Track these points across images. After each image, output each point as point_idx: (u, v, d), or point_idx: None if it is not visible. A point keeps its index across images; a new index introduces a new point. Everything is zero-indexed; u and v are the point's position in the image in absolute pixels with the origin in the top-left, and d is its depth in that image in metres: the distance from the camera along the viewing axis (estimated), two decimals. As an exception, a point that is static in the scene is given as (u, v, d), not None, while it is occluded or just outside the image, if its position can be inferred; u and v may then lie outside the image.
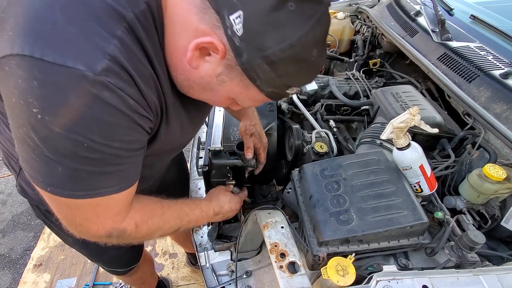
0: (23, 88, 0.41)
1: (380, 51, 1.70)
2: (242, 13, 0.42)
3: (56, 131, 0.43)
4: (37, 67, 0.40)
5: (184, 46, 0.49)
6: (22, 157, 0.49)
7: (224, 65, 0.49)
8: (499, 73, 1.02)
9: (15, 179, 0.79)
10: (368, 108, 1.28)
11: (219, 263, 1.07)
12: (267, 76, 0.48)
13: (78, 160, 0.46)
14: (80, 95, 0.42)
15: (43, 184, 0.49)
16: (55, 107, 0.42)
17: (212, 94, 0.57)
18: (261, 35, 0.44)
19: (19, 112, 0.43)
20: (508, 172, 0.83)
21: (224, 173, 0.99)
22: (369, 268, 0.74)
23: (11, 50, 0.41)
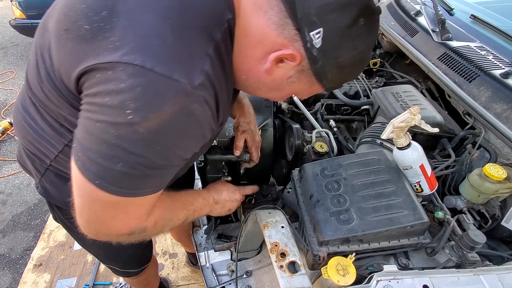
0: (123, 92, 0.46)
1: (380, 51, 1.70)
2: (322, 29, 0.50)
3: (139, 131, 0.47)
4: (146, 76, 0.46)
5: (259, 55, 0.56)
6: (82, 147, 0.51)
7: (296, 70, 0.56)
8: (499, 73, 1.02)
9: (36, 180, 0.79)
10: (368, 107, 1.28)
11: (219, 263, 1.07)
12: (334, 77, 0.57)
13: (141, 161, 0.50)
14: (175, 104, 0.48)
15: (94, 175, 0.51)
16: (148, 112, 0.47)
17: (278, 93, 0.65)
18: (338, 47, 0.52)
19: (108, 110, 0.47)
20: (508, 172, 0.83)
21: (219, 169, 0.99)
22: (369, 267, 0.74)
23: (120, 58, 0.46)
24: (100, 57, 0.48)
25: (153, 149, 0.50)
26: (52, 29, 0.56)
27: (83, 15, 0.51)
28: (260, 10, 0.53)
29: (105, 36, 0.48)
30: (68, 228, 0.94)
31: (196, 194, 0.82)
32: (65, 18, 0.53)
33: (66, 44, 0.53)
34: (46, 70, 0.59)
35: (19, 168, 2.69)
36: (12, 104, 3.54)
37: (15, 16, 4.00)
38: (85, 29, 0.50)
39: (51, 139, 0.68)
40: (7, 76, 4.09)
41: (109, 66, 0.47)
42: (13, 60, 4.50)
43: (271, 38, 0.53)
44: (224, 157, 0.96)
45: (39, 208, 2.35)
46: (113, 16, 0.49)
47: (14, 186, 2.53)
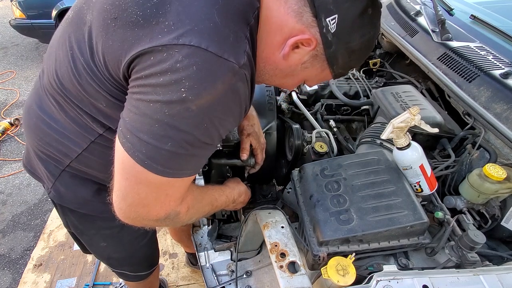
0: (179, 70, 0.49)
1: (380, 51, 1.70)
2: (337, 16, 0.56)
3: (191, 109, 0.50)
4: (200, 55, 0.49)
5: (278, 41, 0.60)
6: (133, 128, 0.53)
7: (311, 55, 0.62)
8: (499, 73, 1.02)
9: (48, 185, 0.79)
10: (368, 108, 1.28)
11: (219, 263, 1.07)
12: (344, 61, 0.63)
13: (189, 139, 0.53)
14: (225, 82, 0.51)
15: (143, 156, 0.53)
16: (202, 89, 0.50)
17: (291, 79, 0.69)
18: (349, 32, 0.58)
19: (162, 90, 0.50)
20: (508, 172, 0.83)
21: (224, 173, 0.99)
22: (369, 268, 0.74)
23: (177, 41, 0.49)
24: (155, 40, 0.50)
25: (201, 126, 0.53)
26: (95, 20, 0.58)
27: (134, 2, 0.54)
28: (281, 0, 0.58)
29: (159, 21, 0.51)
30: (80, 232, 0.94)
31: (221, 191, 0.85)
32: (113, 8, 0.56)
33: (115, 32, 0.55)
34: (85, 62, 0.60)
35: (19, 168, 2.69)
36: (12, 104, 3.53)
37: (15, 16, 4.00)
38: (137, 14, 0.53)
39: (75, 137, 0.69)
40: (7, 76, 4.09)
41: (165, 49, 0.49)
42: (13, 60, 4.50)
43: (290, 24, 0.58)
44: (229, 162, 0.96)
45: (39, 208, 2.35)
46: (165, 2, 0.52)
47: (14, 186, 2.53)
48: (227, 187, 0.90)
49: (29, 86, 3.89)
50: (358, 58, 0.66)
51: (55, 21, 3.89)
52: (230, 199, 0.88)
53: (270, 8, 0.59)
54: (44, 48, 4.79)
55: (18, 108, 3.49)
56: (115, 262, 1.11)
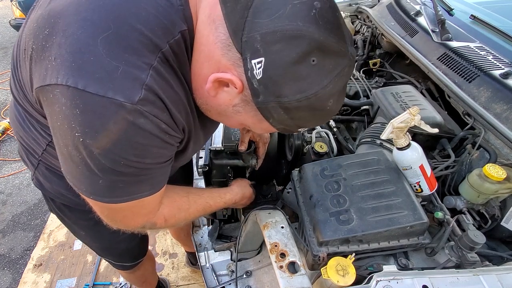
0: (67, 115, 0.45)
1: (380, 51, 1.69)
2: (263, 60, 0.44)
3: (96, 152, 0.47)
4: (79, 97, 0.44)
5: (205, 75, 0.52)
6: (66, 170, 0.53)
7: (241, 99, 0.52)
8: (499, 73, 1.02)
9: (31, 172, 0.83)
10: (368, 108, 1.28)
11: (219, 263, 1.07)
12: (281, 118, 0.51)
13: (116, 174, 0.51)
14: (117, 122, 0.46)
15: (86, 193, 0.54)
16: (95, 132, 0.46)
17: (227, 119, 0.61)
18: (279, 84, 0.46)
19: (64, 134, 0.48)
20: (508, 172, 0.83)
21: (225, 173, 0.99)
22: (369, 268, 0.74)
23: (56, 80, 0.45)
24: (42, 79, 0.47)
25: (117, 164, 0.49)
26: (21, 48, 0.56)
27: (33, 34, 0.50)
28: (212, 24, 0.49)
29: (45, 56, 0.47)
30: (61, 219, 0.96)
31: (219, 198, 0.85)
32: (25, 38, 0.53)
33: (24, 64, 0.53)
34: (19, 82, 0.60)
35: (19, 168, 2.69)
36: (12, 104, 3.54)
37: (15, 16, 4.00)
38: (33, 48, 0.49)
39: (36, 138, 0.70)
40: (7, 76, 4.09)
41: (50, 89, 0.46)
42: (13, 60, 4.50)
43: (217, 57, 0.49)
44: (230, 162, 0.96)
45: (39, 208, 2.35)
46: (53, 33, 0.47)
47: (14, 186, 2.53)
48: (228, 193, 0.90)
49: (29, 86, 3.89)
50: (304, 118, 0.52)
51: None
52: (230, 203, 0.89)
53: (201, 34, 0.51)
54: (44, 48, 4.79)
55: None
56: (98, 251, 1.14)
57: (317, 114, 0.52)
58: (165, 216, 0.69)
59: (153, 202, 0.63)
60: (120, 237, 0.99)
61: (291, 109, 0.49)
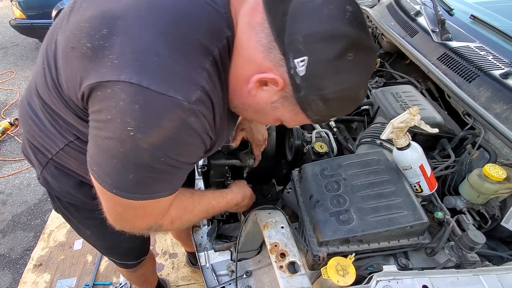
0: (124, 110, 0.48)
1: (380, 51, 1.69)
2: (307, 58, 0.49)
3: (142, 146, 0.50)
4: (142, 94, 0.47)
5: (246, 76, 0.56)
6: (96, 161, 0.55)
7: (280, 95, 0.56)
8: (499, 73, 1.02)
9: (37, 171, 0.83)
10: (368, 108, 1.28)
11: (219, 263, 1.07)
12: (318, 109, 0.56)
13: (150, 170, 0.53)
14: (173, 119, 0.49)
15: (110, 186, 0.55)
16: (149, 128, 0.49)
17: (263, 116, 0.65)
18: (321, 78, 0.51)
19: (111, 127, 0.50)
20: (508, 172, 0.83)
21: (223, 173, 0.99)
22: (369, 268, 0.74)
23: (118, 77, 0.47)
24: (100, 76, 0.49)
25: (158, 160, 0.52)
26: (60, 45, 0.58)
27: (86, 33, 0.52)
28: (253, 31, 0.53)
29: (104, 54, 0.49)
30: (67, 218, 0.97)
31: (221, 198, 0.86)
32: (72, 36, 0.55)
33: (72, 62, 0.55)
34: (53, 80, 0.61)
35: (19, 168, 2.69)
36: (12, 104, 3.54)
37: (15, 16, 4.01)
38: (87, 47, 0.51)
39: (53, 137, 0.71)
40: (7, 76, 4.09)
41: (109, 85, 0.48)
42: (13, 60, 4.50)
43: (258, 60, 0.53)
44: (228, 162, 0.96)
45: (39, 208, 2.35)
46: (112, 34, 0.50)
47: (14, 186, 2.53)
48: (229, 192, 0.90)
49: (29, 86, 3.89)
50: (339, 107, 0.58)
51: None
52: (232, 204, 0.89)
53: (241, 39, 0.55)
54: (44, 48, 4.79)
55: (18, 108, 3.49)
56: (102, 250, 1.16)
57: (349, 103, 0.59)
58: (172, 217, 0.70)
59: (166, 203, 0.65)
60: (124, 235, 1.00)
61: (330, 100, 0.54)
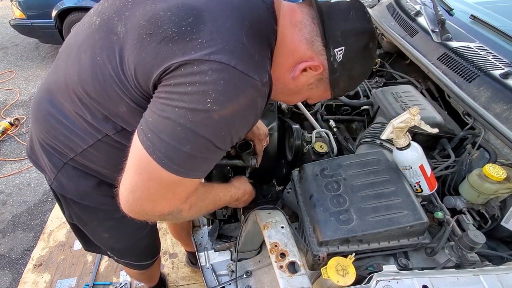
0: (208, 82, 0.54)
1: (380, 51, 1.70)
2: (344, 48, 0.65)
3: (213, 117, 0.55)
4: (229, 72, 0.55)
5: (290, 64, 0.68)
6: (154, 129, 0.57)
7: (316, 78, 0.70)
8: (499, 73, 1.02)
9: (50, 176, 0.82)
10: (368, 108, 1.28)
11: (219, 263, 1.07)
12: (344, 85, 0.72)
13: (206, 144, 0.58)
14: (247, 96, 0.57)
15: (162, 155, 0.56)
16: (226, 101, 0.55)
17: (296, 97, 0.78)
18: (353, 62, 0.68)
19: (189, 98, 0.54)
20: (508, 172, 0.83)
21: (225, 173, 0.99)
22: (369, 268, 0.74)
23: (208, 57, 0.54)
24: (188, 55, 0.55)
25: (219, 134, 0.58)
26: (129, 34, 0.62)
27: (170, 20, 0.58)
28: (296, 27, 0.66)
29: (192, 38, 0.56)
30: (83, 223, 0.96)
31: (226, 191, 0.88)
32: (148, 24, 0.60)
33: (149, 46, 0.59)
34: (113, 69, 0.63)
35: (19, 168, 2.69)
36: (12, 104, 3.53)
37: (15, 16, 4.00)
38: (172, 31, 0.57)
39: (83, 133, 0.72)
40: (7, 76, 4.09)
41: (196, 62, 0.54)
42: (13, 60, 4.50)
43: (302, 50, 0.66)
44: (230, 162, 0.96)
45: (39, 208, 2.35)
46: (199, 22, 0.58)
47: (14, 186, 2.53)
48: (232, 187, 0.91)
49: (29, 86, 3.89)
50: (355, 83, 0.76)
51: (55, 21, 3.88)
52: (234, 198, 0.90)
53: (285, 34, 0.67)
54: (44, 48, 4.79)
55: (18, 108, 3.49)
56: (118, 253, 1.14)
57: (363, 78, 0.77)
58: (191, 203, 0.71)
59: (195, 186, 0.68)
60: (142, 232, 1.04)
61: (354, 78, 0.72)
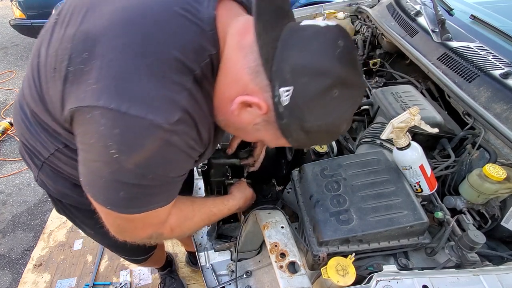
0: (105, 134, 0.48)
1: (380, 51, 1.69)
2: (292, 88, 0.49)
3: (128, 167, 0.50)
4: (121, 119, 0.47)
5: (231, 95, 0.56)
6: (87, 180, 0.56)
7: (263, 119, 0.56)
8: (499, 73, 1.02)
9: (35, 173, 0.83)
10: (368, 108, 1.28)
11: (219, 263, 1.07)
12: (299, 137, 0.56)
13: (140, 187, 0.54)
14: (154, 141, 0.49)
15: (104, 203, 0.56)
16: (131, 150, 0.49)
17: (244, 134, 0.67)
18: (303, 111, 0.51)
19: (96, 151, 0.50)
20: (508, 172, 0.83)
21: (224, 172, 0.99)
22: (369, 268, 0.74)
23: (97, 102, 0.47)
24: (80, 100, 0.50)
25: (145, 177, 0.53)
26: (43, 62, 0.58)
27: (68, 55, 0.52)
28: (242, 52, 0.54)
29: (84, 79, 0.50)
30: (70, 218, 0.97)
31: (223, 205, 0.86)
32: (55, 57, 0.54)
33: (55, 83, 0.55)
34: (38, 94, 0.61)
35: (19, 168, 2.69)
36: (12, 104, 3.54)
37: (15, 16, 4.00)
38: (68, 70, 0.52)
39: (43, 142, 0.70)
40: (7, 76, 4.09)
41: (88, 109, 0.49)
42: (13, 60, 4.50)
43: (244, 81, 0.54)
44: (228, 161, 0.96)
45: (39, 208, 2.35)
46: (92, 57, 0.49)
47: (14, 186, 2.53)
48: (231, 199, 0.90)
49: (29, 86, 3.89)
50: (319, 138, 0.60)
51: (55, 21, 3.88)
52: (234, 209, 0.89)
53: (230, 59, 0.56)
54: (44, 48, 4.79)
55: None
56: (110, 248, 1.16)
57: (331, 135, 0.61)
58: (172, 225, 0.70)
59: (164, 213, 0.65)
60: None
61: (311, 132, 0.54)
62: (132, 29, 0.51)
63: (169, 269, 1.76)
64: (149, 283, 1.83)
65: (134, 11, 0.53)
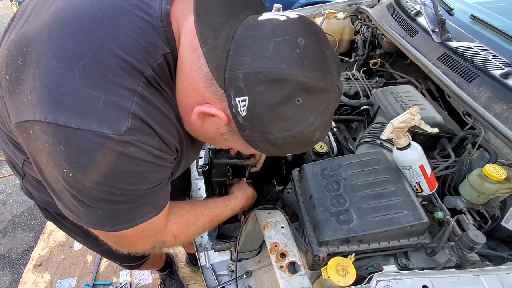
0: (51, 151, 0.43)
1: (380, 51, 1.69)
2: (247, 99, 0.43)
3: (88, 185, 0.45)
4: (61, 134, 0.41)
5: (190, 104, 0.50)
6: (61, 205, 0.52)
7: (227, 129, 0.51)
8: (499, 73, 1.02)
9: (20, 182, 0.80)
10: (368, 108, 1.28)
11: (219, 263, 1.07)
12: (268, 149, 0.50)
13: (114, 203, 0.49)
14: (106, 154, 0.43)
15: (88, 224, 0.52)
16: (83, 167, 0.43)
17: (215, 143, 0.61)
18: (264, 123, 0.45)
19: (52, 170, 0.45)
20: (508, 172, 0.83)
21: (225, 172, 0.99)
22: (369, 268, 0.74)
23: (34, 116, 0.41)
24: (19, 115, 0.44)
25: (113, 194, 0.47)
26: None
27: (5, 63, 0.46)
28: (195, 53, 0.46)
29: (20, 89, 0.44)
30: (59, 226, 0.95)
31: (225, 206, 0.84)
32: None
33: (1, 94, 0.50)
34: None
35: (19, 168, 2.69)
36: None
37: (15, 16, 4.00)
38: (6, 79, 0.46)
39: (13, 153, 0.67)
40: (7, 76, 4.09)
41: (29, 125, 0.43)
42: (13, 60, 4.50)
43: (200, 89, 0.47)
44: (230, 161, 0.96)
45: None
46: (26, 64, 0.43)
47: (14, 186, 2.53)
48: (233, 199, 0.89)
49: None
50: (290, 149, 0.52)
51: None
52: (237, 209, 0.89)
53: (184, 61, 0.48)
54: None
55: None
56: (102, 254, 1.14)
57: (301, 146, 0.53)
58: (174, 233, 0.67)
59: (159, 222, 0.61)
60: None
61: (278, 144, 0.48)
62: (69, 30, 0.44)
63: (169, 269, 1.75)
64: (149, 283, 1.83)
65: (75, 10, 0.45)
